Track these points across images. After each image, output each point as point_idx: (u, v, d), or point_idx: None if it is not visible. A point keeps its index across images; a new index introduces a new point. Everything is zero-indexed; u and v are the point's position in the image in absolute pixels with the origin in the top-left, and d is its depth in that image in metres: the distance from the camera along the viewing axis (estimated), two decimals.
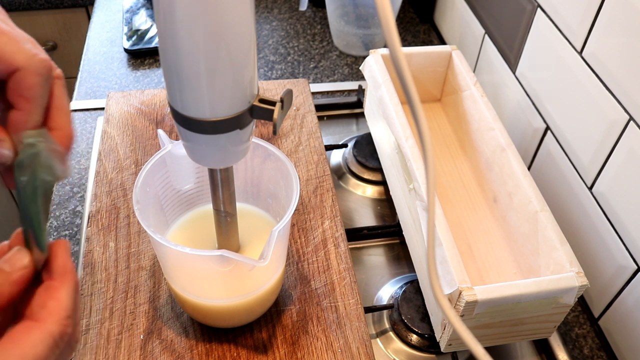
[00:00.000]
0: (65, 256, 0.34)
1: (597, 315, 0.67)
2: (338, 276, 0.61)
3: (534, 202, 0.60)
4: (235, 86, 0.39)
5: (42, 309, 0.32)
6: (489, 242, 0.67)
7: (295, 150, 0.75)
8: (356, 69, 1.01)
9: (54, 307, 0.32)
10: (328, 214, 0.67)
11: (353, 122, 0.92)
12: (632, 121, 0.58)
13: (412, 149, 0.63)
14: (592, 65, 0.63)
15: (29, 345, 0.30)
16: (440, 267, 0.55)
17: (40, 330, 0.31)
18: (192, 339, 0.56)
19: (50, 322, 0.31)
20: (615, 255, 0.62)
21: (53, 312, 0.32)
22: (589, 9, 0.62)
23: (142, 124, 0.76)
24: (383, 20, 0.29)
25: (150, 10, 1.06)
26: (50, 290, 0.33)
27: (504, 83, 0.84)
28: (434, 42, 1.08)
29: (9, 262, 0.32)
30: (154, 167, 0.53)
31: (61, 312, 0.32)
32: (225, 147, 0.43)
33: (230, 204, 0.50)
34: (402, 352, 0.63)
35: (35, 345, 0.30)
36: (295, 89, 0.84)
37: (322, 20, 1.12)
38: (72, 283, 0.33)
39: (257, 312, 0.56)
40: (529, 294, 0.52)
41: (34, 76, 0.34)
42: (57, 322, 0.31)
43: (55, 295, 0.32)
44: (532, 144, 0.77)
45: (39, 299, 0.32)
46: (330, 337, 0.56)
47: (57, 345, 0.31)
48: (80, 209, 0.74)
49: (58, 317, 0.32)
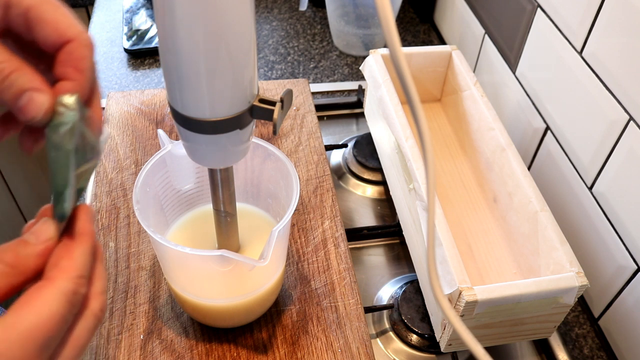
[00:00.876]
0: (85, 219, 0.34)
1: (597, 315, 0.67)
2: (338, 276, 0.61)
3: (534, 202, 0.60)
4: (235, 86, 0.39)
5: (54, 267, 0.31)
6: (489, 242, 0.67)
7: (295, 150, 0.75)
8: (356, 69, 1.01)
9: (66, 265, 0.31)
10: (328, 214, 0.67)
11: (353, 122, 0.92)
12: (632, 121, 0.58)
13: (412, 149, 0.63)
14: (592, 65, 0.63)
15: (41, 303, 0.29)
16: (440, 267, 0.55)
17: (51, 288, 0.30)
18: (192, 339, 0.56)
19: (61, 279, 0.30)
20: (615, 255, 0.62)
21: (64, 270, 0.31)
22: (589, 9, 0.62)
23: (142, 124, 0.76)
24: (383, 20, 0.29)
25: (150, 10, 1.06)
26: (64, 250, 0.32)
27: (504, 83, 0.84)
28: (434, 42, 1.08)
29: (35, 233, 0.32)
30: (154, 167, 0.53)
31: (72, 271, 0.31)
32: (225, 147, 0.43)
33: (230, 204, 0.50)
34: (402, 352, 0.63)
35: (48, 303, 0.29)
36: (295, 89, 0.84)
37: (322, 20, 1.12)
38: (88, 244, 0.33)
39: (257, 312, 0.56)
40: (529, 294, 0.52)
41: (85, 48, 0.34)
42: (69, 279, 0.31)
43: (69, 254, 0.32)
44: (532, 144, 0.77)
45: (53, 259, 0.32)
46: (330, 337, 0.56)
47: (71, 304, 0.30)
48: None
49: (69, 275, 0.31)
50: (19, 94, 0.32)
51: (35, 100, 0.33)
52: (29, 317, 0.28)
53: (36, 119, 0.33)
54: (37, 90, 0.33)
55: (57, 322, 0.29)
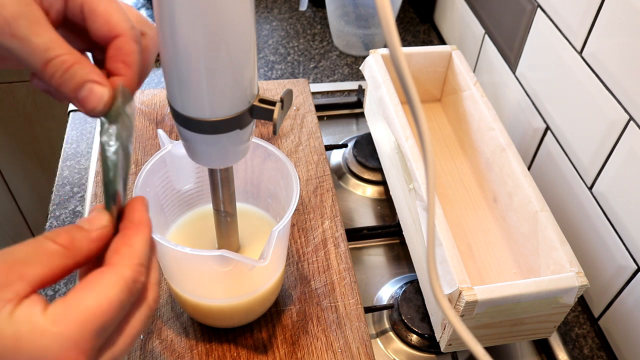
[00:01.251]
0: (142, 209, 0.35)
1: (597, 315, 0.67)
2: (338, 276, 0.61)
3: (534, 202, 0.60)
4: (235, 86, 0.39)
5: (115, 254, 0.32)
6: (489, 242, 0.67)
7: (295, 150, 0.75)
8: (356, 69, 1.01)
9: (127, 252, 0.32)
10: (328, 214, 0.67)
11: (353, 122, 0.92)
12: (632, 121, 0.58)
13: (412, 149, 0.63)
14: (592, 65, 0.63)
15: (102, 288, 0.30)
16: (440, 267, 0.55)
17: (112, 273, 0.30)
18: (192, 339, 0.56)
19: (122, 266, 0.31)
20: (615, 255, 0.62)
21: (125, 257, 0.31)
22: (589, 9, 0.62)
23: (142, 124, 0.76)
24: (383, 20, 0.29)
25: (150, 10, 1.06)
26: (124, 238, 0.33)
27: (504, 83, 0.84)
28: (434, 42, 1.08)
29: (89, 220, 0.32)
30: (154, 167, 0.53)
31: (134, 258, 0.32)
32: (225, 147, 0.43)
33: (230, 204, 0.50)
34: (402, 352, 0.63)
35: (108, 288, 0.30)
36: (295, 89, 0.84)
37: (322, 20, 1.12)
38: (146, 234, 0.34)
39: (257, 312, 0.56)
40: (529, 294, 0.52)
41: (133, 43, 0.35)
42: (129, 266, 0.31)
43: (128, 242, 0.32)
44: (532, 144, 0.77)
45: (114, 246, 0.32)
46: (330, 337, 0.56)
47: (131, 291, 0.31)
48: (80, 209, 0.74)
49: (130, 262, 0.31)
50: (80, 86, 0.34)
51: (95, 91, 0.34)
52: (89, 300, 0.29)
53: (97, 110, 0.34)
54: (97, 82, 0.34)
55: (116, 307, 0.30)
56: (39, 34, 0.32)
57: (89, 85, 0.34)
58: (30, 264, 0.29)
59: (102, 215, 0.33)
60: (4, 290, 0.28)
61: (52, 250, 0.30)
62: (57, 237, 0.30)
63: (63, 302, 0.29)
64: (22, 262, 0.29)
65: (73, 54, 0.34)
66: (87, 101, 0.34)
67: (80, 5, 0.35)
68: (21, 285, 0.28)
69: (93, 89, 0.34)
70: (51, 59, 0.33)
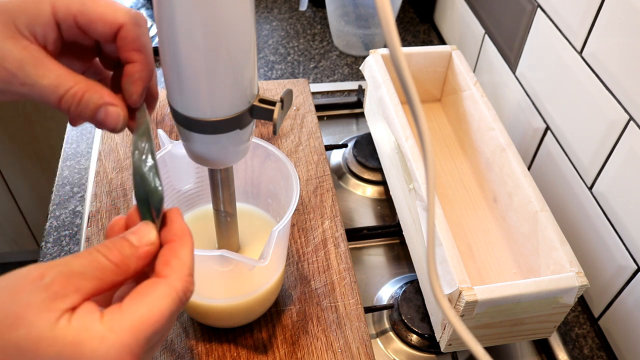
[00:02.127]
0: (181, 220, 0.36)
1: (597, 315, 0.67)
2: (338, 276, 0.61)
3: (534, 202, 0.60)
4: (235, 86, 0.39)
5: (165, 266, 0.33)
6: (489, 242, 0.67)
7: (295, 150, 0.75)
8: (356, 69, 1.01)
9: (177, 265, 0.33)
10: (328, 214, 0.67)
11: (353, 122, 0.92)
12: (632, 121, 0.58)
13: (412, 149, 0.63)
14: (592, 65, 0.63)
15: (155, 299, 0.31)
16: (440, 267, 0.55)
17: (165, 285, 0.32)
18: (192, 339, 0.56)
19: (175, 278, 0.32)
20: (615, 255, 0.62)
21: (176, 269, 0.33)
22: (589, 9, 0.62)
23: None
24: (383, 20, 0.29)
25: (150, 10, 1.06)
26: (172, 250, 0.34)
27: (504, 83, 0.84)
28: (434, 42, 1.08)
29: (137, 234, 0.33)
30: None
31: (184, 270, 0.33)
32: (225, 147, 0.43)
33: (230, 204, 0.50)
34: (402, 352, 0.63)
35: (161, 299, 0.31)
36: (295, 89, 0.84)
37: (322, 20, 1.12)
38: (191, 244, 0.35)
39: (257, 312, 0.56)
40: (529, 294, 0.52)
41: (137, 27, 0.37)
42: (181, 278, 0.33)
43: (177, 253, 0.34)
44: (532, 144, 0.77)
45: (163, 258, 0.33)
46: (330, 337, 0.56)
47: (181, 301, 0.32)
48: (80, 209, 0.74)
49: (181, 274, 0.33)
50: (95, 111, 0.37)
51: (110, 113, 0.37)
52: (143, 309, 0.31)
53: (118, 128, 0.38)
54: (110, 104, 0.37)
55: (167, 317, 0.31)
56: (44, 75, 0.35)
57: (104, 109, 0.37)
58: (85, 278, 0.30)
59: (149, 230, 0.34)
60: (63, 301, 0.29)
61: (105, 266, 0.31)
62: (109, 253, 0.32)
63: (119, 310, 0.30)
64: (79, 275, 0.30)
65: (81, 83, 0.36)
66: (106, 123, 0.37)
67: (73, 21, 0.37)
68: (77, 297, 0.30)
69: (108, 111, 0.37)
70: (63, 95, 0.35)
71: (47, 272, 0.29)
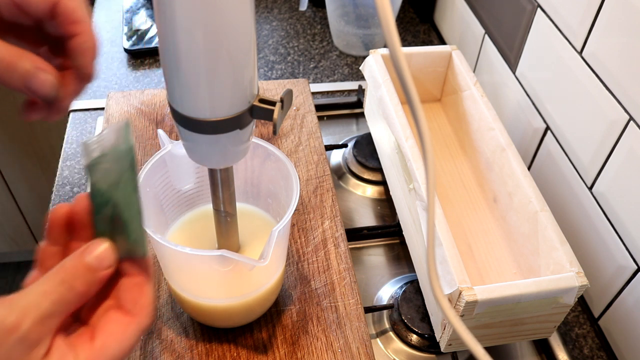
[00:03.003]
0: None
1: (597, 315, 0.67)
2: (338, 276, 0.61)
3: (534, 202, 0.60)
4: (235, 86, 0.39)
5: (135, 304, 0.34)
6: (489, 242, 0.67)
7: (295, 150, 0.75)
8: (356, 69, 1.01)
9: (145, 302, 0.35)
10: (328, 214, 0.67)
11: (353, 122, 0.92)
12: (632, 121, 0.58)
13: (412, 149, 0.63)
14: (592, 65, 0.63)
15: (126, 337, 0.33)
16: (440, 267, 0.55)
17: (136, 325, 0.34)
18: (192, 339, 0.56)
19: (143, 316, 0.34)
20: (615, 255, 0.62)
21: (145, 307, 0.35)
22: (589, 9, 0.62)
23: (142, 124, 0.76)
24: (383, 20, 0.29)
25: (150, 10, 1.06)
26: (140, 287, 0.35)
27: (504, 83, 0.84)
28: (434, 42, 1.08)
29: (98, 259, 0.34)
30: (154, 167, 0.53)
31: (150, 306, 0.35)
32: (225, 147, 0.43)
33: (230, 204, 0.50)
34: (402, 352, 0.63)
35: (131, 337, 0.34)
36: (295, 89, 0.84)
37: (322, 20, 1.12)
38: (153, 276, 0.36)
39: (257, 312, 0.56)
40: (529, 294, 0.52)
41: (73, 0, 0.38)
42: (148, 315, 0.35)
43: (144, 290, 0.35)
44: (532, 144, 0.77)
45: (132, 295, 0.35)
46: (330, 337, 0.56)
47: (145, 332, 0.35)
48: None
49: (148, 311, 0.35)
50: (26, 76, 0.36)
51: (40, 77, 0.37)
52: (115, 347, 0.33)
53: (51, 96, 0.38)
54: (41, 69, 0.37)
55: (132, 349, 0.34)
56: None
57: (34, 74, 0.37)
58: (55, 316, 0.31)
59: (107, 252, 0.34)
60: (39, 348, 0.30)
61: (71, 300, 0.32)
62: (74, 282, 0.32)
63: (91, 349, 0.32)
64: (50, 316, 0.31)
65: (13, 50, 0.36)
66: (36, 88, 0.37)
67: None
68: (49, 338, 0.31)
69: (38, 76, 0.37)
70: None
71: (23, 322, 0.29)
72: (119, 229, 0.34)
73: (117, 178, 0.34)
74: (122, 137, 0.35)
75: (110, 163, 0.35)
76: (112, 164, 0.35)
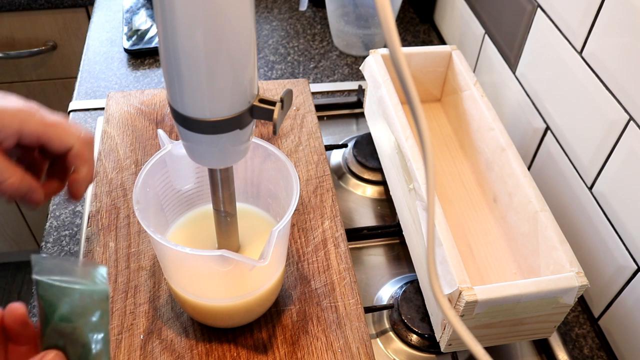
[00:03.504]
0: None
1: (597, 315, 0.67)
2: (338, 276, 0.61)
3: (534, 202, 0.60)
4: (235, 86, 0.39)
5: None
6: (489, 242, 0.67)
7: (295, 150, 0.75)
8: (356, 69, 1.01)
9: None
10: (328, 214, 0.67)
11: (353, 122, 0.92)
12: (632, 121, 0.58)
13: (412, 149, 0.63)
14: (592, 65, 0.63)
15: None
16: (440, 267, 0.55)
17: None
18: (192, 339, 0.56)
19: None
20: (615, 255, 0.62)
21: None
22: (589, 9, 0.62)
23: (142, 124, 0.76)
24: (383, 20, 0.29)
25: (150, 10, 1.06)
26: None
27: (504, 83, 0.84)
28: (434, 42, 1.08)
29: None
30: (154, 167, 0.53)
31: None
32: (225, 147, 0.43)
33: (230, 204, 0.50)
34: (402, 352, 0.63)
35: None
36: (295, 89, 0.84)
37: (322, 20, 1.12)
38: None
39: (257, 312, 0.56)
40: (529, 294, 0.52)
41: (84, 146, 0.49)
42: None
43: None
44: (532, 144, 0.77)
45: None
46: (330, 337, 0.56)
47: None
48: (80, 209, 0.74)
49: None
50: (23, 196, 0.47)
51: (34, 198, 0.47)
52: None
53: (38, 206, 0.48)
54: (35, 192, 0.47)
55: None
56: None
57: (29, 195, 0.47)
58: None
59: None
60: None
61: None
62: None
63: None
64: None
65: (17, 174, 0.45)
66: (30, 203, 0.47)
67: (35, 139, 0.47)
68: None
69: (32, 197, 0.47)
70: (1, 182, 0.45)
71: None
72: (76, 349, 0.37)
73: (87, 311, 0.37)
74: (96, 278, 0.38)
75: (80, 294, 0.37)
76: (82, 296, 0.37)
